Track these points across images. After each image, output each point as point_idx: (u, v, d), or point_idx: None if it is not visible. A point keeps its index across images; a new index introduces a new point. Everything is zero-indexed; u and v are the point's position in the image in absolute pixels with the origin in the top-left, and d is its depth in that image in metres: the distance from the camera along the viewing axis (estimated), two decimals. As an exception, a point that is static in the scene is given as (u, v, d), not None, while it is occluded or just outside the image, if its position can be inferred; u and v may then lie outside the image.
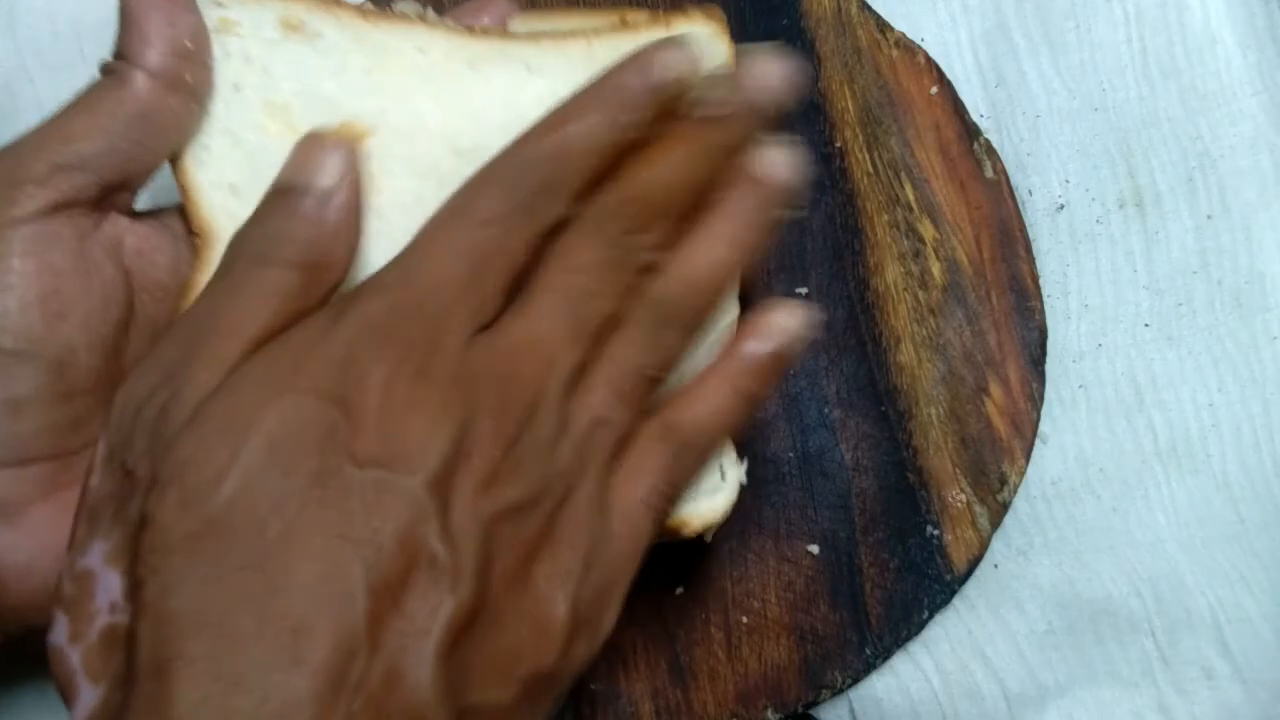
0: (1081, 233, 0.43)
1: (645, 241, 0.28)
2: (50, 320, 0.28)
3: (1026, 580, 0.41)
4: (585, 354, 0.28)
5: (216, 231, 0.31)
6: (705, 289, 0.29)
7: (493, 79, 0.32)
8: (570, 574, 0.27)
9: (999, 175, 0.43)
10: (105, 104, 0.29)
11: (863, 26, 0.44)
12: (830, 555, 0.40)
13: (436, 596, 0.24)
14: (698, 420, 0.30)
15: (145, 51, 0.29)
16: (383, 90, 0.31)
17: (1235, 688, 0.39)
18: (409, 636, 0.24)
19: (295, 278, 0.27)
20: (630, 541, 0.29)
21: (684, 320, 0.29)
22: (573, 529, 0.27)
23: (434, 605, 0.24)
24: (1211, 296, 0.42)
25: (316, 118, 0.31)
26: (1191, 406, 0.42)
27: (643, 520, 0.29)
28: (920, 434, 0.41)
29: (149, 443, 0.25)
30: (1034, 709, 0.39)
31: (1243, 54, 0.43)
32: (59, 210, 0.28)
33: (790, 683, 0.39)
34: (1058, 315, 0.43)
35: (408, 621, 0.24)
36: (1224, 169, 0.43)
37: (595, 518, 0.28)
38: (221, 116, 0.31)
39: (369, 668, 0.23)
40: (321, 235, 0.27)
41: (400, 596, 0.24)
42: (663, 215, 0.28)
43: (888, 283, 0.42)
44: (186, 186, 0.31)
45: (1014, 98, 0.44)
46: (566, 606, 0.26)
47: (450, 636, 0.24)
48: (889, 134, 0.43)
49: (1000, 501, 0.40)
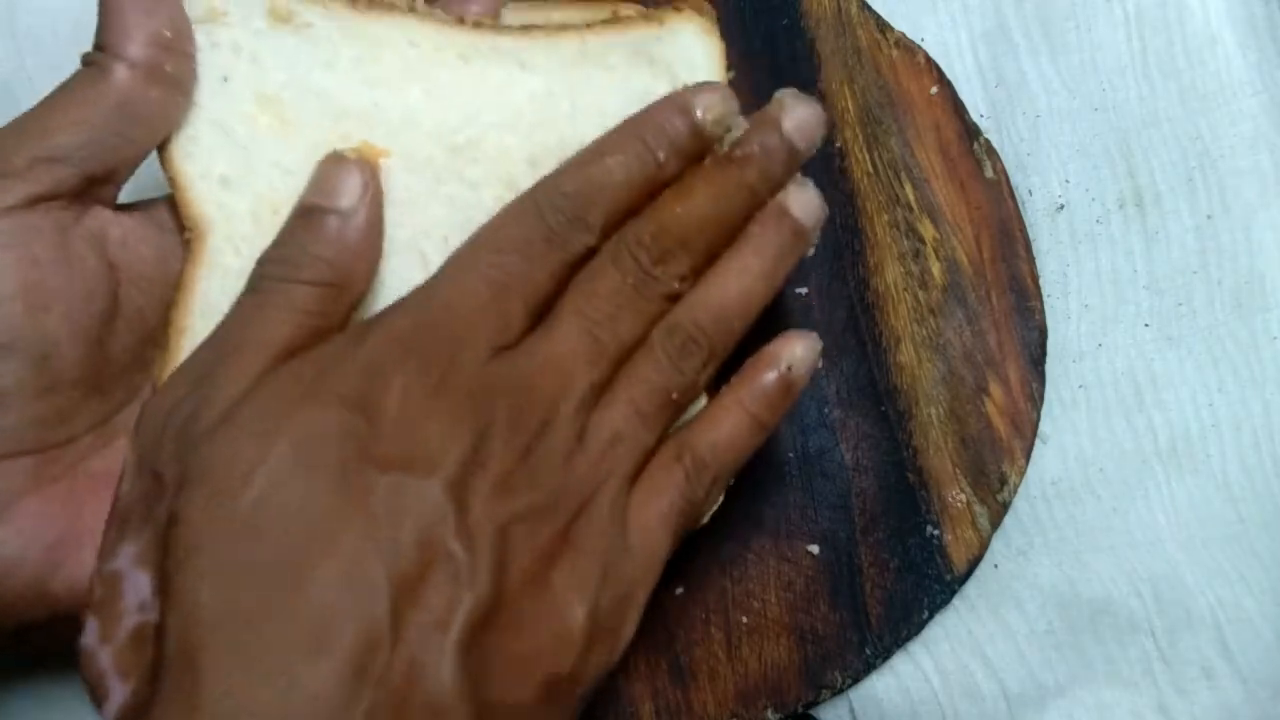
0: (1081, 233, 0.43)
1: (673, 271, 0.29)
2: (33, 312, 0.28)
3: (1026, 580, 0.41)
4: (605, 374, 0.29)
5: (208, 223, 0.31)
6: (731, 317, 0.30)
7: (485, 74, 0.32)
8: (588, 581, 0.28)
9: (999, 175, 0.43)
10: (85, 96, 0.29)
11: (863, 26, 0.44)
12: (830, 555, 0.40)
13: (455, 592, 0.25)
14: (713, 442, 0.31)
15: (124, 43, 0.29)
16: (374, 83, 0.31)
17: (1235, 688, 0.39)
18: (429, 630, 0.24)
19: (319, 294, 0.28)
20: (647, 555, 0.30)
21: (707, 346, 0.30)
22: (591, 538, 0.28)
23: (453, 600, 0.25)
24: (1211, 296, 0.42)
25: (307, 109, 0.31)
26: (1191, 406, 0.42)
27: (660, 534, 0.30)
28: (920, 434, 0.41)
29: (177, 447, 0.26)
30: (1034, 709, 0.39)
31: (1243, 54, 0.43)
32: (39, 202, 0.28)
33: (790, 683, 0.39)
34: (1058, 315, 0.43)
35: (428, 615, 0.24)
36: (1224, 169, 0.43)
37: (613, 529, 0.28)
38: (209, 107, 0.31)
39: (391, 660, 0.24)
40: (343, 254, 0.28)
41: (420, 592, 0.24)
42: (692, 247, 0.29)
43: (888, 283, 0.42)
44: (176, 179, 0.31)
45: (1014, 98, 0.44)
46: (584, 611, 0.27)
47: (469, 632, 0.25)
48: (889, 134, 0.43)
49: (1000, 501, 0.40)
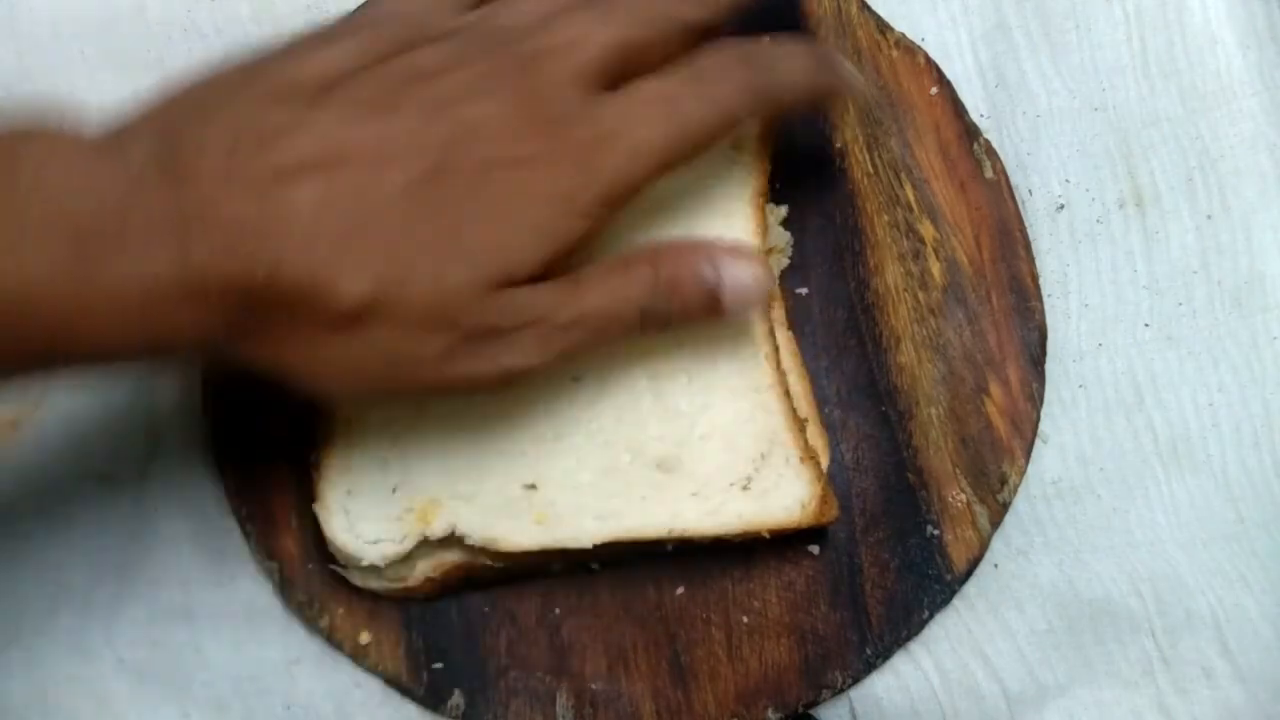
0: (1081, 233, 0.43)
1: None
2: None
3: (1026, 580, 0.41)
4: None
5: None
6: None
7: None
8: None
9: (999, 175, 0.43)
10: None
11: (863, 27, 0.44)
12: (830, 555, 0.40)
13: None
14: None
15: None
16: None
17: (1235, 688, 0.39)
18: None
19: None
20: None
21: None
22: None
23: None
24: (1211, 296, 0.42)
25: None
26: (1191, 406, 0.42)
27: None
28: (920, 434, 0.41)
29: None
30: (1034, 709, 0.39)
31: (1243, 54, 0.43)
32: None
33: (791, 683, 0.39)
34: (1058, 315, 0.43)
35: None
36: (1224, 169, 0.43)
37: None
38: None
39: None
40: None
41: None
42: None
43: (888, 283, 0.42)
44: None
45: (1014, 98, 0.44)
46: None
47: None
48: (889, 134, 0.43)
49: (1000, 501, 0.40)
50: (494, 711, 0.39)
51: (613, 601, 0.40)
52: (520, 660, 0.39)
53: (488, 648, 0.40)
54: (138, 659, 0.40)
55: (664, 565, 0.40)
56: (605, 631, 0.40)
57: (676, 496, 0.38)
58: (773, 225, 0.41)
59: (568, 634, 0.40)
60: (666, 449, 0.38)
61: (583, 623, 0.40)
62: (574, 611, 0.40)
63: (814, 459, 0.38)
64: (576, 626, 0.40)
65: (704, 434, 0.38)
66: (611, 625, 0.40)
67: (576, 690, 0.39)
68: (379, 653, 0.39)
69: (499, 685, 0.39)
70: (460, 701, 0.39)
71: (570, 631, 0.40)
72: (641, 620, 0.40)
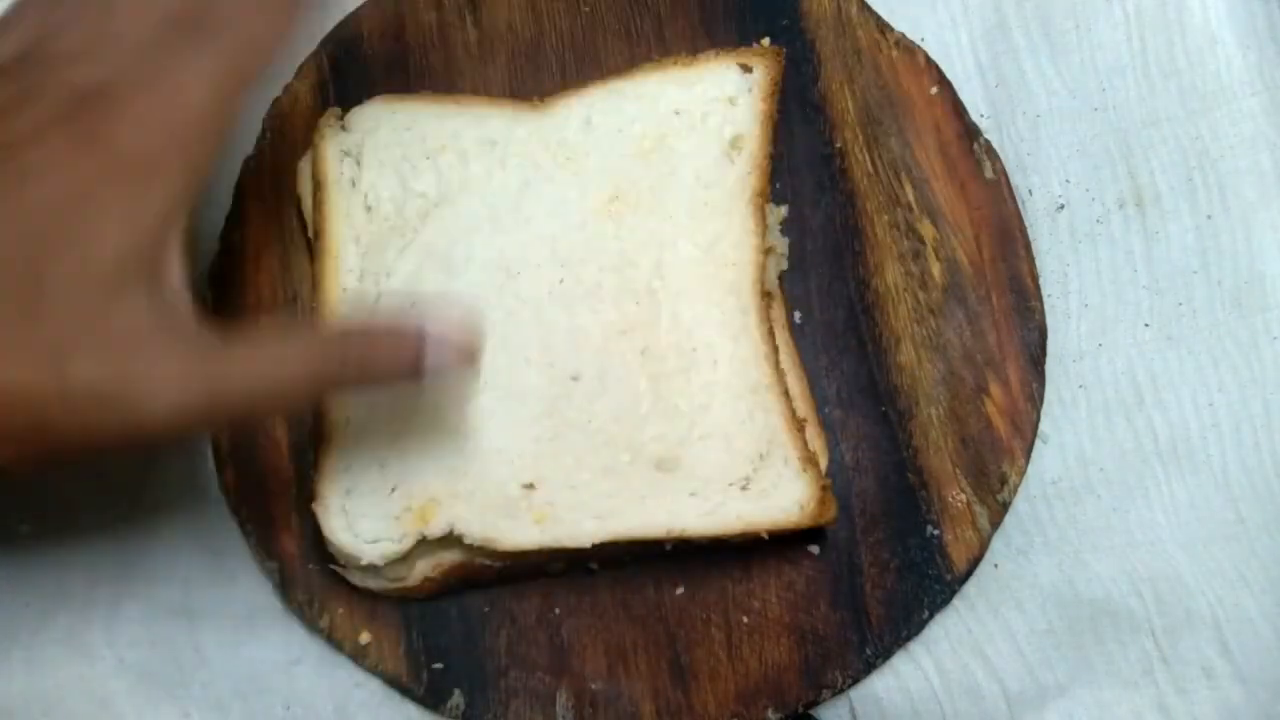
0: (1081, 233, 0.43)
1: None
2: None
3: (1026, 580, 0.41)
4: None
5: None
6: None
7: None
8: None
9: (999, 175, 0.43)
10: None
11: (863, 27, 0.44)
12: (830, 555, 0.40)
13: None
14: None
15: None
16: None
17: (1235, 688, 0.39)
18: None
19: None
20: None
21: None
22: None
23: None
24: (1211, 296, 0.42)
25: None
26: (1191, 406, 0.42)
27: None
28: (920, 434, 0.41)
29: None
30: (1034, 709, 0.39)
31: (1243, 54, 0.43)
32: None
33: (791, 682, 0.39)
34: (1058, 315, 0.43)
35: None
36: (1224, 169, 0.43)
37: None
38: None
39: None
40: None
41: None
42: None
43: (888, 283, 0.42)
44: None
45: (1014, 98, 0.44)
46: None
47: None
48: (889, 134, 0.43)
49: (1000, 501, 0.40)
50: (494, 711, 0.39)
51: (612, 601, 0.40)
52: (520, 660, 0.39)
53: (487, 648, 0.40)
54: (138, 659, 0.40)
55: (663, 565, 0.40)
56: (605, 631, 0.40)
57: (675, 496, 0.38)
58: (772, 226, 0.41)
59: (567, 634, 0.40)
60: (665, 449, 0.38)
61: (582, 623, 0.40)
62: (574, 611, 0.40)
63: (813, 459, 0.38)
64: (576, 626, 0.40)
65: (703, 434, 0.38)
66: (611, 625, 0.40)
67: (576, 690, 0.39)
68: (379, 653, 0.39)
69: (499, 685, 0.39)
70: (460, 701, 0.39)
71: (570, 631, 0.40)
72: (641, 620, 0.40)
